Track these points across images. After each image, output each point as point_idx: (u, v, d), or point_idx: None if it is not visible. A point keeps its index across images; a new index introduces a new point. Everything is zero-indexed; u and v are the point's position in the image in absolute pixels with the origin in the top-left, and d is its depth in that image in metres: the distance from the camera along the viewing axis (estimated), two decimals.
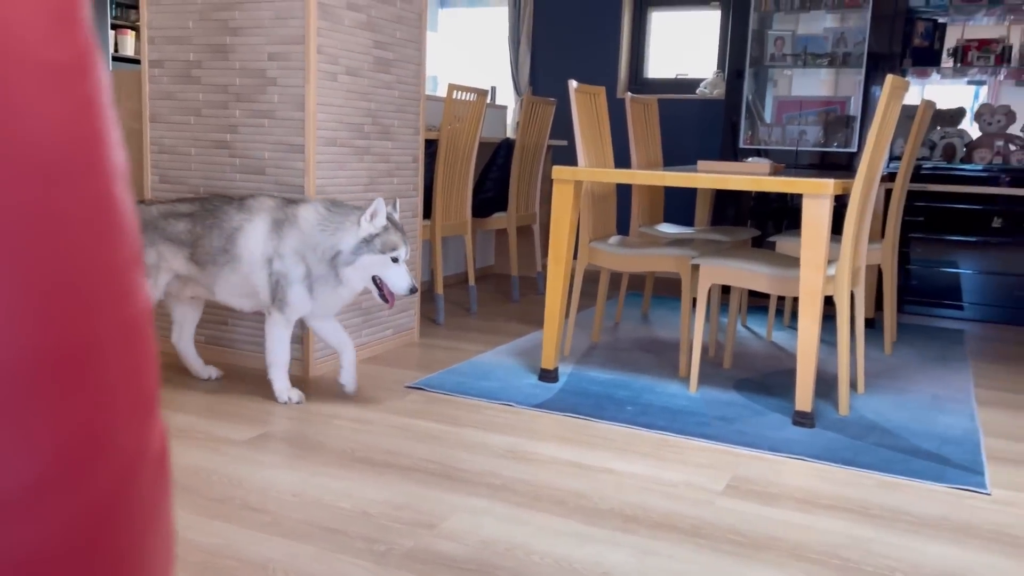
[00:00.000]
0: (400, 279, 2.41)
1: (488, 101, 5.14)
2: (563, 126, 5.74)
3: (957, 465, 2.26)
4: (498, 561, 1.65)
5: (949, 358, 3.50)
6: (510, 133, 5.80)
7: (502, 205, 4.37)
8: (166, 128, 3.01)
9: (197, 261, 2.53)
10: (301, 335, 2.86)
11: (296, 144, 2.79)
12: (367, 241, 2.39)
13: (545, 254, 3.51)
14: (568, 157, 5.76)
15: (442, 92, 6.14)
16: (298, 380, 2.82)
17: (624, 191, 5.39)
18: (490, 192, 4.33)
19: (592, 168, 2.80)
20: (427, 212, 3.71)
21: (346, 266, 2.41)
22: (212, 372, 2.79)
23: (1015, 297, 4.30)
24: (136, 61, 5.95)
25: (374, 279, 2.44)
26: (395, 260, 2.41)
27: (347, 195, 2.95)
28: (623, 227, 3.38)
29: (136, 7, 6.22)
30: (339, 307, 2.56)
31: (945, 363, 3.41)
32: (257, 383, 2.76)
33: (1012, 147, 4.41)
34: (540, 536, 1.76)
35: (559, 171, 2.79)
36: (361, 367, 3.01)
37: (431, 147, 3.84)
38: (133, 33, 6.17)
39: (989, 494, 2.09)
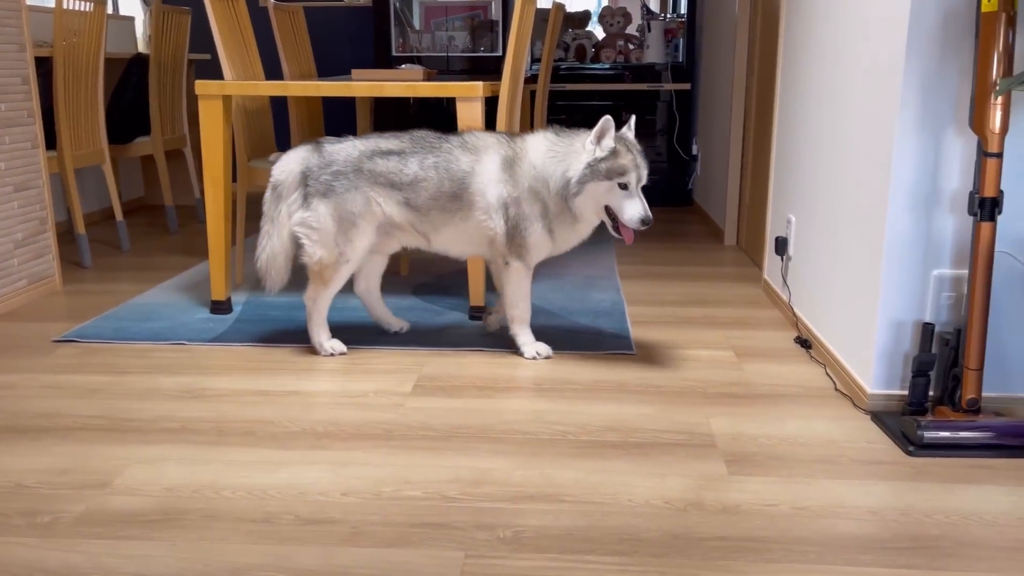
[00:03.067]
0: (630, 208, 2.11)
1: (110, 12, 4.57)
2: (204, 38, 5.29)
3: (609, 334, 2.55)
4: (185, 505, 1.55)
5: (596, 240, 3.89)
6: (142, 48, 5.22)
7: (144, 129, 3.96)
8: None
9: (415, 206, 2.21)
10: None
11: None
12: (591, 167, 2.10)
13: (201, 179, 3.28)
14: (214, 71, 5.34)
15: (50, 2, 5.32)
16: None
17: (280, 105, 5.15)
18: (127, 115, 3.89)
19: (240, 81, 2.62)
20: (51, 142, 3.24)
21: (574, 197, 2.14)
22: (404, 325, 2.54)
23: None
24: None
25: (607, 210, 2.15)
26: (623, 187, 2.11)
27: None
28: (283, 143, 3.25)
29: None
30: (575, 244, 2.31)
31: (593, 246, 3.79)
32: None
33: (631, 46, 4.90)
34: (229, 471, 1.69)
35: (203, 86, 2.57)
36: None
37: (44, 66, 3.33)
38: None
39: (635, 353, 2.39)
